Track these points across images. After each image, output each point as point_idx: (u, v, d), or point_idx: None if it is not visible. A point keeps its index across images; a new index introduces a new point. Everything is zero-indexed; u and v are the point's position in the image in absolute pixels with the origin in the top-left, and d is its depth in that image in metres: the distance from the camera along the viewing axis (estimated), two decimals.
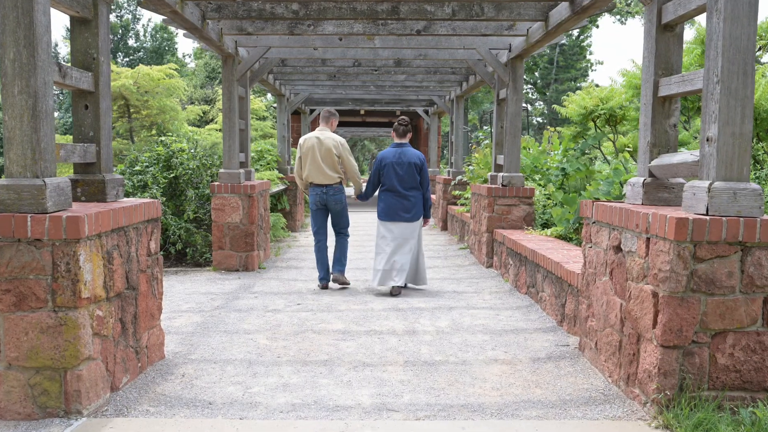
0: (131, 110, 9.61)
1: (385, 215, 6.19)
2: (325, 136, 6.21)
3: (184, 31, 6.57)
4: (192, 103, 21.32)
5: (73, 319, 2.89)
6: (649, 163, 3.63)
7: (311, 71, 9.72)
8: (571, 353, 4.17)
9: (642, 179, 3.63)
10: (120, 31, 51.45)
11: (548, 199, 7.91)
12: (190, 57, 54.78)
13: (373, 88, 12.11)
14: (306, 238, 10.54)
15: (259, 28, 6.41)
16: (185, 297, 5.91)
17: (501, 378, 3.73)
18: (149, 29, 53.41)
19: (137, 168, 7.58)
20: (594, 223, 3.91)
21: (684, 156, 3.30)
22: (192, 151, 7.85)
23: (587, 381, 3.65)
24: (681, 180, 3.60)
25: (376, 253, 6.21)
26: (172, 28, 50.90)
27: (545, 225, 7.60)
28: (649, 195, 3.59)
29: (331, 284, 6.44)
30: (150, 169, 7.54)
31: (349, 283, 6.43)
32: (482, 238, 7.63)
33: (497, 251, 7.20)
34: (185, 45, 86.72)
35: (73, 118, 3.61)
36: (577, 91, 8.73)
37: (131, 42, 52.10)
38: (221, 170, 7.27)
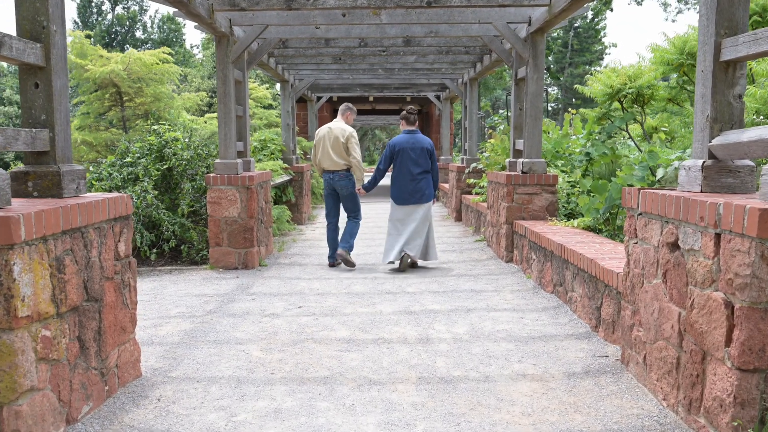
0: (124, 98, 9.05)
1: (401, 199, 6.57)
2: (336, 126, 6.74)
3: (174, 9, 6.02)
4: (199, 92, 20.78)
5: (8, 343, 2.35)
6: (709, 141, 3.01)
7: (315, 53, 9.11)
8: (613, 367, 3.58)
9: (701, 162, 3.01)
10: (127, 23, 51.06)
11: (573, 186, 7.28)
12: (198, 48, 54.36)
13: (381, 72, 11.47)
14: (312, 231, 9.99)
15: (254, 3, 5.82)
16: (176, 300, 5.38)
17: (532, 399, 3.15)
18: (156, 20, 53.03)
19: (128, 159, 7.04)
20: (640, 215, 3.30)
21: (759, 132, 2.68)
22: (186, 140, 7.30)
23: (636, 404, 3.06)
24: (748, 162, 2.98)
25: (394, 234, 6.58)
26: (179, 19, 50.49)
27: (570, 215, 6.98)
28: (709, 180, 2.97)
29: (334, 278, 6.08)
30: (141, 160, 7.00)
31: (354, 265, 6.73)
32: (501, 230, 7.03)
33: (518, 244, 6.60)
34: (193, 36, 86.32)
35: (21, 98, 3.05)
36: (602, 69, 8.09)
37: (139, 34, 51.75)
38: (217, 161, 6.71)
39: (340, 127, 6.71)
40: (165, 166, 7.00)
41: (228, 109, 6.69)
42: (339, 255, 6.69)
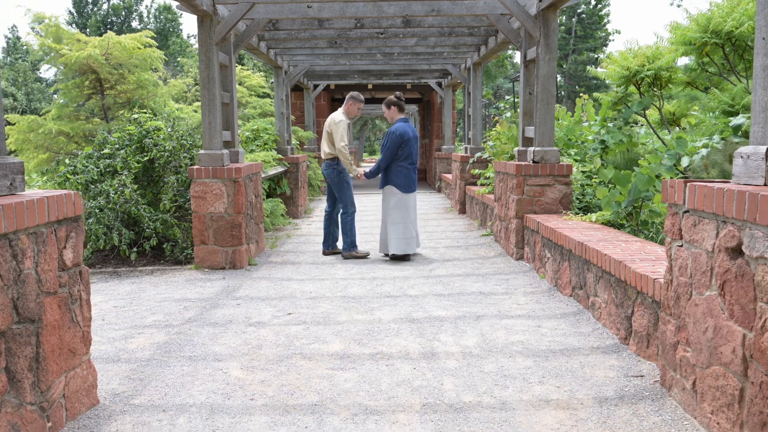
0: (104, 86, 8.47)
1: (407, 187, 6.53)
2: (332, 115, 6.72)
3: None
4: (197, 84, 20.17)
5: None
6: None
7: (309, 36, 8.54)
8: (651, 390, 3.05)
9: (763, 149, 2.47)
10: (123, 13, 50.33)
11: (588, 177, 6.74)
12: (194, 38, 53.62)
13: (380, 57, 10.90)
14: (309, 226, 9.47)
15: None
16: (153, 306, 4.86)
17: None
18: (152, 11, 52.25)
19: (106, 151, 6.50)
20: (687, 212, 2.77)
21: None
22: (169, 130, 6.75)
23: None
24: None
25: (399, 224, 6.44)
26: (174, 6, 49.87)
27: (585, 209, 6.44)
28: None
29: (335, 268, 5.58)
30: (120, 151, 6.45)
31: (366, 255, 6.72)
32: (510, 224, 6.49)
33: (529, 241, 6.07)
34: (190, 26, 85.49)
35: None
36: (610, 53, 7.54)
37: (135, 24, 51.06)
38: (201, 151, 6.18)
39: (332, 116, 6.72)
40: (146, 158, 6.46)
41: (212, 96, 6.14)
42: (345, 258, 6.70)
